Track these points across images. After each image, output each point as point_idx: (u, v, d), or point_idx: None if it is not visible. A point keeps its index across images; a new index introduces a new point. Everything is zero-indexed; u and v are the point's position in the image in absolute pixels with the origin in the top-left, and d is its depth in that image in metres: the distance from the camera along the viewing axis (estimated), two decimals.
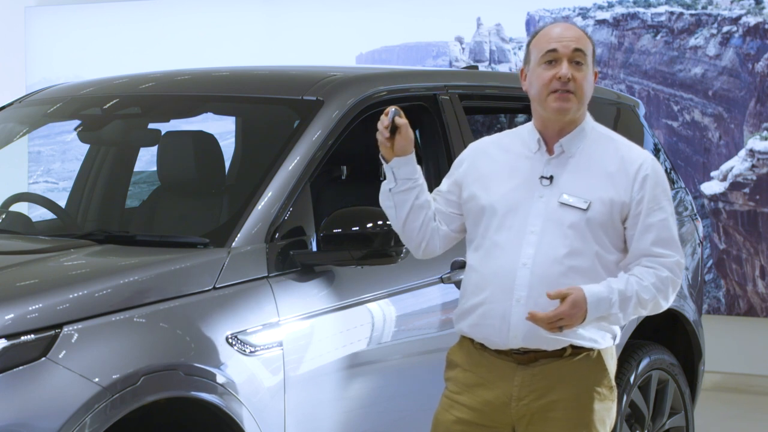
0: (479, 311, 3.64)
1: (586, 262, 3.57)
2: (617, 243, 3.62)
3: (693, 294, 5.70)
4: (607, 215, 3.59)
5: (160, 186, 4.70)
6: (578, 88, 3.59)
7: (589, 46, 3.64)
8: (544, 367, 3.62)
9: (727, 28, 8.60)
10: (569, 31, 3.63)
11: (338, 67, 5.06)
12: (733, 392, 8.47)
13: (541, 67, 3.61)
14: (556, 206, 3.60)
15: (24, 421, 3.31)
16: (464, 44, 9.37)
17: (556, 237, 3.58)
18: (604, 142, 3.69)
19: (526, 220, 3.61)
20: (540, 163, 3.66)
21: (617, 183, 3.60)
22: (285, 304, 3.97)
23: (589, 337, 3.62)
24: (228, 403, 3.72)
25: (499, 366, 3.65)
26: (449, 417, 3.71)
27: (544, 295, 3.52)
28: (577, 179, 3.62)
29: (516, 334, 3.59)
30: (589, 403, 3.62)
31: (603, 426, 3.65)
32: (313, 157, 4.21)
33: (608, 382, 3.66)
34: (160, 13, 10.27)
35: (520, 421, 3.64)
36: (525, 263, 3.58)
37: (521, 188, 3.64)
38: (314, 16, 9.70)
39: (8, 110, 5.13)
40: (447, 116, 4.74)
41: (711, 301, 8.69)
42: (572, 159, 3.64)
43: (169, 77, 5.04)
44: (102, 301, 3.58)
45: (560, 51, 3.59)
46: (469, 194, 3.71)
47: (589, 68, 3.63)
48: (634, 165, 3.62)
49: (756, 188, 8.53)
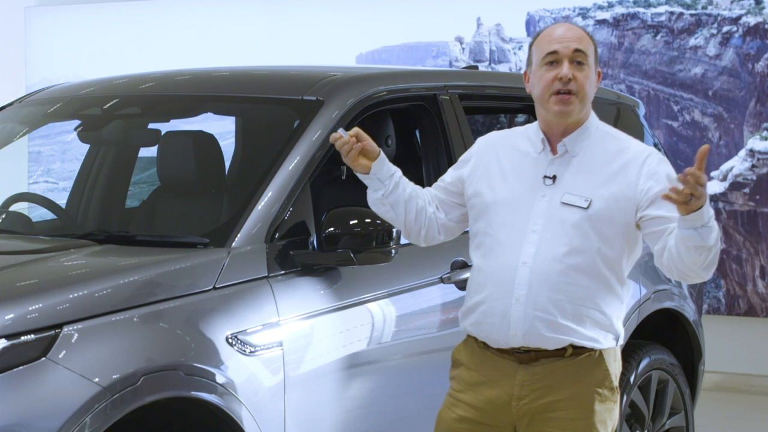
0: (480, 309, 3.65)
1: (586, 260, 3.57)
2: (620, 239, 3.62)
3: (693, 294, 5.70)
4: (610, 212, 3.58)
5: (160, 186, 4.70)
6: (580, 89, 3.59)
7: (591, 46, 3.64)
8: (545, 366, 3.62)
9: (727, 28, 8.60)
10: (570, 32, 3.64)
11: (338, 67, 5.06)
12: (733, 392, 8.47)
13: (543, 68, 3.62)
14: (558, 206, 3.61)
15: (24, 421, 3.31)
16: (464, 44, 9.37)
17: (556, 236, 3.58)
18: (607, 140, 3.69)
19: (528, 219, 3.61)
20: (544, 163, 3.66)
21: (620, 179, 3.60)
22: (285, 304, 3.97)
23: (591, 337, 3.62)
24: (228, 403, 3.72)
25: (501, 365, 3.66)
26: (452, 415, 3.71)
27: (544, 294, 3.54)
28: (580, 178, 3.62)
29: (516, 332, 3.59)
30: (590, 404, 3.62)
31: (604, 427, 3.64)
32: (313, 157, 4.21)
33: (610, 383, 3.66)
34: (160, 13, 10.27)
35: (521, 421, 3.64)
36: (525, 262, 3.58)
37: (525, 188, 3.65)
38: (314, 16, 9.70)
39: (8, 110, 5.13)
40: (447, 116, 4.74)
41: (711, 301, 8.70)
42: (575, 158, 3.65)
43: (169, 77, 5.04)
44: (102, 301, 3.58)
45: (561, 52, 3.59)
46: (474, 190, 3.72)
47: (591, 68, 3.63)
48: (638, 160, 3.62)
49: (756, 188, 8.54)
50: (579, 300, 3.58)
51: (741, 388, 8.53)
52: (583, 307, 3.59)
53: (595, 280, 3.59)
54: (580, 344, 3.61)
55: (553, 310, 3.57)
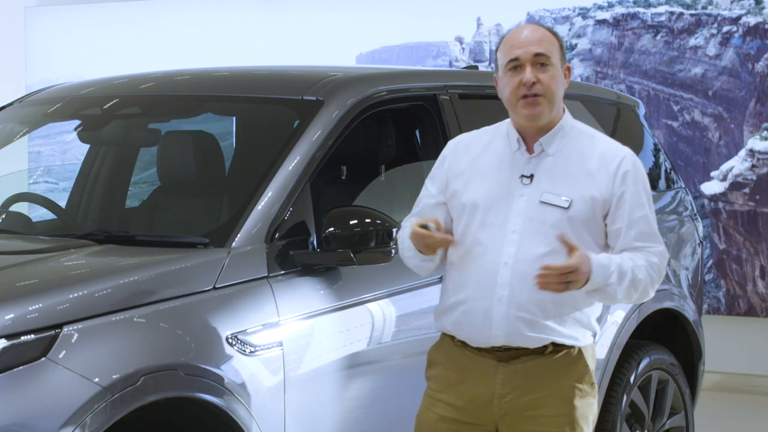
0: (461, 309, 3.67)
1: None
2: (599, 240, 3.65)
3: (693, 294, 5.70)
4: (589, 213, 3.61)
5: (160, 186, 4.70)
6: (546, 90, 3.60)
7: (554, 45, 3.64)
8: (525, 364, 3.64)
9: (727, 28, 8.60)
10: (532, 34, 3.64)
11: (338, 67, 5.06)
12: (733, 392, 8.47)
13: (508, 74, 3.64)
14: (537, 205, 3.62)
15: (24, 421, 3.31)
16: (464, 44, 9.37)
17: (536, 236, 3.60)
18: (583, 139, 3.70)
19: (507, 219, 3.62)
20: (520, 162, 3.67)
21: (598, 180, 3.63)
22: (285, 304, 3.97)
23: (570, 335, 3.65)
24: (228, 403, 3.72)
25: (480, 363, 3.67)
26: (432, 415, 3.73)
27: (526, 294, 3.57)
28: (558, 178, 3.64)
29: (498, 333, 3.62)
30: (571, 400, 3.65)
31: (585, 422, 3.68)
32: (313, 157, 4.21)
33: (589, 379, 3.69)
34: (160, 13, 10.27)
35: (503, 419, 3.66)
36: (506, 262, 3.60)
37: (502, 186, 3.66)
38: (314, 16, 9.70)
39: (8, 110, 5.13)
40: (447, 116, 4.74)
41: (711, 301, 8.70)
42: (552, 158, 3.66)
43: (169, 77, 5.04)
44: (102, 301, 3.58)
45: (522, 57, 3.61)
46: (451, 192, 3.73)
47: (556, 67, 3.63)
48: (615, 161, 3.65)
49: (756, 188, 8.53)
50: (560, 299, 3.60)
51: (741, 388, 8.53)
52: (565, 306, 3.62)
53: None
54: (560, 342, 3.64)
55: (536, 310, 3.59)
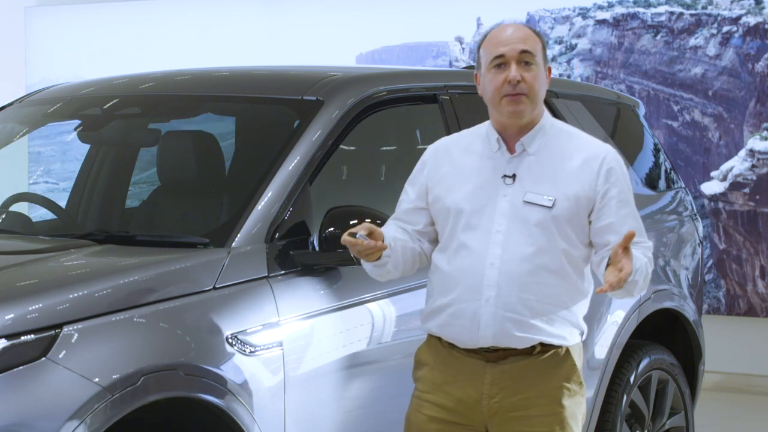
0: (449, 311, 3.67)
1: (553, 260, 3.61)
2: (583, 238, 3.66)
3: (693, 294, 5.70)
4: (573, 211, 3.62)
5: (160, 186, 4.70)
6: (530, 89, 3.61)
7: (538, 45, 3.66)
8: (513, 365, 3.65)
9: (727, 28, 8.61)
10: (517, 32, 3.65)
11: (338, 67, 5.06)
12: (733, 392, 8.47)
13: (492, 71, 3.64)
14: (521, 205, 3.62)
15: (24, 421, 3.31)
16: (464, 44, 9.37)
17: (522, 236, 3.60)
18: (564, 138, 3.71)
19: (492, 220, 3.63)
20: (502, 162, 3.68)
21: (581, 178, 3.63)
22: (285, 304, 3.97)
23: (558, 335, 3.65)
24: (228, 403, 3.72)
25: (468, 364, 3.68)
26: (421, 417, 3.74)
27: (513, 294, 3.57)
28: (541, 177, 3.64)
29: (486, 334, 3.62)
30: (560, 399, 3.66)
31: (575, 421, 3.69)
32: (313, 157, 4.21)
33: (578, 378, 3.70)
34: (160, 13, 10.27)
35: (493, 419, 3.66)
36: (493, 263, 3.60)
37: (485, 188, 3.66)
38: (314, 16, 9.70)
39: (8, 110, 5.13)
40: (447, 116, 4.74)
41: (711, 301, 8.70)
42: (533, 157, 3.67)
43: (169, 77, 5.04)
44: (102, 301, 3.58)
45: (508, 54, 3.61)
46: (433, 196, 3.73)
47: (540, 66, 3.64)
48: (597, 159, 3.65)
49: (756, 188, 8.54)
50: (548, 299, 3.61)
51: (741, 388, 8.53)
52: (552, 305, 3.62)
53: (562, 279, 3.62)
54: (548, 342, 3.65)
55: (523, 310, 3.60)
